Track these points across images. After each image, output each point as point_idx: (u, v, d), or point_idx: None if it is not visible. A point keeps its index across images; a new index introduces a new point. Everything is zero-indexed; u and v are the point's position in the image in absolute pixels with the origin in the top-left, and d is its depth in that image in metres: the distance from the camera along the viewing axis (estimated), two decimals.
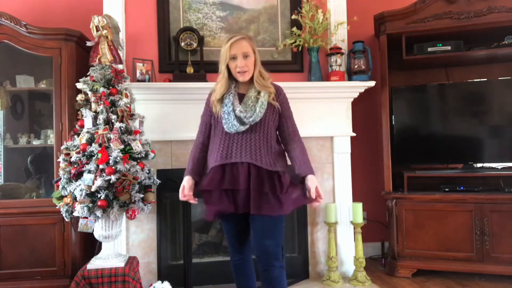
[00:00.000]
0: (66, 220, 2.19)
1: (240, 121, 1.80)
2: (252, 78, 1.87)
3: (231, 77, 1.88)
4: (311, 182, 1.78)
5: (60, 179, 2.19)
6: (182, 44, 2.70)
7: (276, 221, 1.76)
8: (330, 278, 2.67)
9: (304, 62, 2.90)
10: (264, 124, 1.84)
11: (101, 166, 2.04)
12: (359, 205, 2.70)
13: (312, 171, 1.83)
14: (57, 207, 2.22)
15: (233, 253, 1.94)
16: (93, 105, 2.20)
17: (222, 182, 1.78)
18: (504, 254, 2.64)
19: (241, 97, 1.86)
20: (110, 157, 2.05)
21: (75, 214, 2.07)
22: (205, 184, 1.79)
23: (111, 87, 2.23)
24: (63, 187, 2.16)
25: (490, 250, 2.66)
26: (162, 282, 2.39)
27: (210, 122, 1.93)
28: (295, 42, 2.78)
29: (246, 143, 1.81)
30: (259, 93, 1.85)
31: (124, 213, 2.16)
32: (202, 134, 1.95)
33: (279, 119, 1.91)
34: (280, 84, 2.61)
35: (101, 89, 2.19)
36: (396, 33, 2.86)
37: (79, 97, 2.26)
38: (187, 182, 1.85)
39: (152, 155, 2.31)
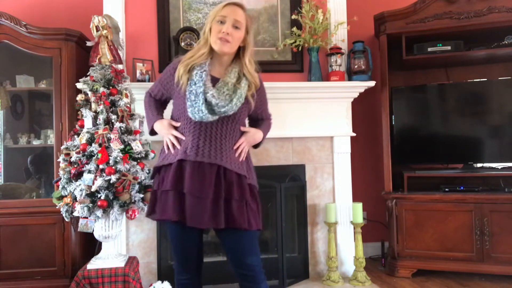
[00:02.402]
0: (66, 220, 2.19)
1: (210, 108, 1.49)
2: (231, 61, 1.60)
3: (211, 48, 1.56)
4: (248, 133, 1.62)
5: (60, 179, 2.18)
6: (182, 44, 2.70)
7: (253, 233, 1.55)
8: (330, 278, 2.67)
9: (304, 62, 2.90)
10: (236, 119, 1.56)
11: (101, 166, 2.04)
12: (359, 205, 2.70)
13: (261, 132, 1.68)
14: (57, 207, 2.22)
15: (179, 271, 1.63)
16: (93, 105, 2.20)
17: (182, 182, 1.49)
18: (504, 254, 2.64)
19: (214, 81, 1.55)
20: (110, 157, 2.04)
21: (75, 214, 2.07)
22: (169, 183, 1.49)
23: (111, 87, 2.23)
24: (63, 187, 2.15)
25: (490, 250, 2.66)
26: (162, 282, 2.38)
27: (165, 95, 1.71)
28: (295, 42, 2.78)
29: (216, 139, 1.51)
30: (238, 82, 1.55)
31: (124, 213, 2.16)
32: (153, 97, 1.77)
33: (254, 111, 1.68)
34: (280, 84, 2.65)
35: (101, 89, 2.19)
36: (396, 33, 2.85)
37: (79, 97, 2.26)
38: (164, 121, 1.66)
39: (152, 155, 2.31)
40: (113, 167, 2.03)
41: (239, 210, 1.49)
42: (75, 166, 2.11)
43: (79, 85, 2.38)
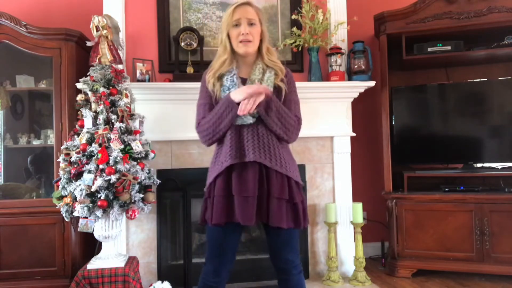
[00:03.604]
0: (66, 220, 2.19)
1: None
2: (255, 57, 1.62)
3: (233, 53, 1.61)
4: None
5: (60, 179, 2.19)
6: (182, 44, 2.70)
7: (293, 231, 1.59)
8: (330, 278, 2.67)
9: (304, 62, 2.90)
10: None
11: (101, 166, 2.04)
12: (359, 205, 2.70)
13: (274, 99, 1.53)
14: (57, 207, 2.22)
15: (209, 272, 1.60)
16: (93, 105, 2.20)
17: (230, 186, 1.53)
18: (504, 254, 2.64)
19: (243, 83, 1.59)
20: (110, 157, 2.04)
21: (75, 214, 2.07)
22: (218, 189, 1.54)
23: (111, 87, 2.23)
24: (63, 187, 2.16)
25: (490, 250, 2.66)
26: (162, 282, 2.39)
27: (211, 103, 1.62)
28: (295, 42, 2.78)
29: (255, 138, 1.54)
30: (262, 75, 1.59)
31: (124, 213, 2.16)
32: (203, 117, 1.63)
33: (283, 103, 1.63)
34: None
35: (101, 89, 2.19)
36: (396, 33, 2.86)
37: (79, 97, 2.26)
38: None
39: (152, 155, 2.31)
40: (113, 167, 2.03)
41: (278, 209, 1.52)
42: (75, 166, 2.11)
43: (79, 85, 2.38)
